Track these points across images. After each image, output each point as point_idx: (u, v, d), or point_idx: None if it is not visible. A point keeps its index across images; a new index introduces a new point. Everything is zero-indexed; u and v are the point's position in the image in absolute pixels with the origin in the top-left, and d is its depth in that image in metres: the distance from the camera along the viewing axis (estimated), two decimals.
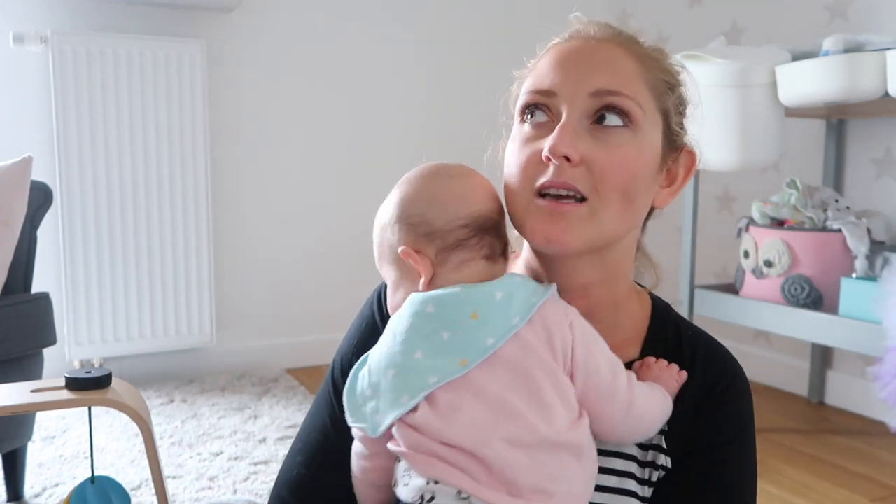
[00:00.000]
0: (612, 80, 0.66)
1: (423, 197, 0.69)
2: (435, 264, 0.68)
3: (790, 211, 1.99)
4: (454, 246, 0.68)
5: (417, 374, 0.63)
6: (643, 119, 0.67)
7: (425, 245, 0.68)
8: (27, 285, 1.62)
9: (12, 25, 2.24)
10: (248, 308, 2.66)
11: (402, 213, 0.69)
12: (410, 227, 0.69)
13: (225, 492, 1.68)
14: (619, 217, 0.67)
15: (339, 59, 2.73)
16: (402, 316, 0.66)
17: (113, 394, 0.70)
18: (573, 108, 0.66)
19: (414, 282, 0.69)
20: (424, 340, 0.64)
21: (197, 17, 2.50)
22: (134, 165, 2.33)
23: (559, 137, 0.65)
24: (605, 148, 0.66)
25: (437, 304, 0.65)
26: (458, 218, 0.68)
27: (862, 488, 1.76)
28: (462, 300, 0.65)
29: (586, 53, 0.69)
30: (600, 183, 0.65)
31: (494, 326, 0.63)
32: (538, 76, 0.70)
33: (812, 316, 1.85)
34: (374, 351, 0.68)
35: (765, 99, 1.85)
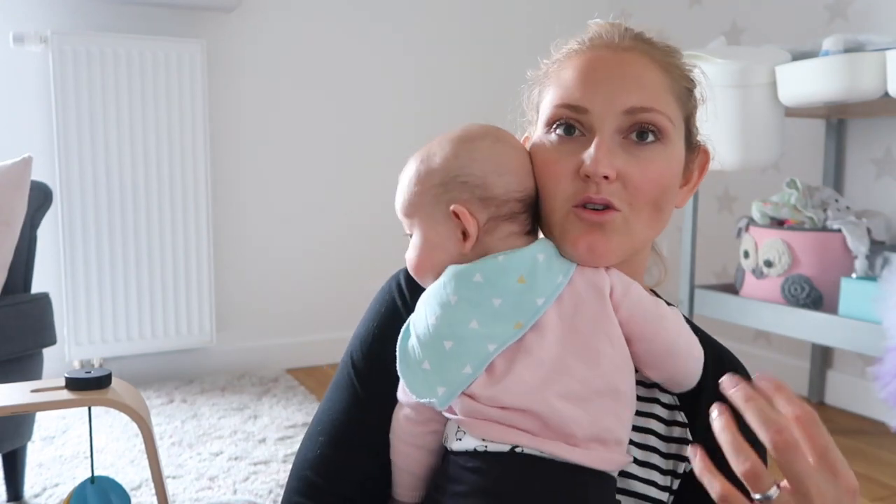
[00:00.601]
0: (643, 96, 0.68)
1: (486, 161, 0.69)
2: (481, 228, 0.69)
3: (790, 211, 1.99)
4: (506, 217, 0.69)
5: (476, 343, 0.64)
6: (673, 132, 0.70)
7: (478, 209, 0.69)
8: (27, 285, 1.62)
9: (12, 25, 2.24)
10: (248, 308, 2.66)
11: (459, 171, 0.69)
12: (465, 186, 0.69)
13: (225, 492, 1.68)
14: (648, 226, 0.70)
15: (339, 59, 2.73)
16: (447, 286, 0.67)
17: (113, 394, 0.70)
18: (606, 125, 0.68)
19: (454, 243, 0.69)
20: (477, 309, 0.65)
21: (197, 17, 2.50)
22: (134, 165, 2.33)
23: (598, 159, 0.66)
24: (639, 163, 0.68)
25: (484, 272, 0.66)
26: (517, 190, 0.70)
27: (862, 488, 1.76)
28: (508, 266, 0.66)
29: (614, 66, 0.69)
30: (634, 197, 0.68)
31: (542, 287, 0.65)
32: (566, 89, 0.70)
33: (812, 316, 1.85)
34: (418, 321, 0.67)
35: (765, 99, 1.85)
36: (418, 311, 0.69)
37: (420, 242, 0.71)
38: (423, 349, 0.66)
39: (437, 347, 0.65)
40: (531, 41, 0.74)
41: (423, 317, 0.67)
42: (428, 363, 0.65)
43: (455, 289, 0.66)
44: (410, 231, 0.73)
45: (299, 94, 2.67)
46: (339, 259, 2.75)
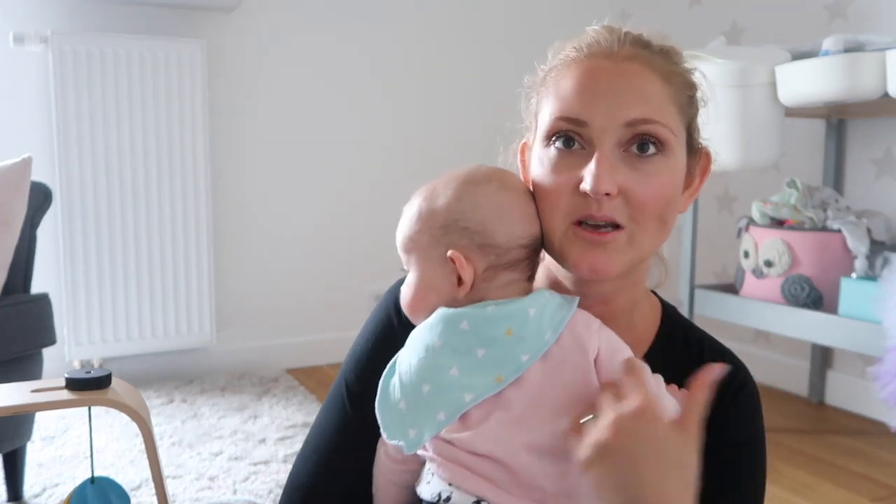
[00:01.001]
0: (645, 108, 0.66)
1: (489, 207, 0.68)
2: (478, 276, 0.67)
3: (790, 211, 1.99)
4: (507, 265, 0.68)
5: (453, 391, 0.63)
6: (675, 142, 0.69)
7: (477, 256, 0.67)
8: (27, 285, 1.62)
9: (12, 25, 2.24)
10: (248, 308, 2.66)
11: (461, 216, 0.68)
12: (465, 232, 0.67)
13: (225, 492, 1.68)
14: (654, 239, 0.69)
15: (339, 58, 2.73)
16: (434, 329, 0.66)
17: (113, 394, 0.70)
18: (607, 139, 0.66)
19: (448, 287, 0.68)
20: (459, 357, 0.64)
21: (197, 17, 2.50)
22: (134, 165, 2.33)
23: (599, 176, 0.65)
24: (641, 177, 0.66)
25: (471, 321, 0.65)
26: (521, 237, 0.68)
27: (862, 488, 1.76)
28: (497, 317, 0.65)
29: (614, 78, 0.68)
30: (638, 212, 0.67)
31: (529, 343, 0.63)
32: (565, 101, 0.69)
33: (812, 316, 1.85)
34: (402, 360, 0.67)
35: (765, 99, 1.85)
36: (406, 348, 0.68)
37: (415, 281, 0.70)
38: (402, 390, 0.65)
39: (416, 390, 0.64)
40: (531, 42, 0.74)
41: (408, 356, 0.66)
42: (404, 404, 0.65)
43: (441, 333, 0.65)
44: (408, 267, 0.72)
45: (299, 94, 2.67)
46: (340, 259, 2.75)
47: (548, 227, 0.70)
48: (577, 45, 0.72)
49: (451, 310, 0.66)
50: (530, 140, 0.77)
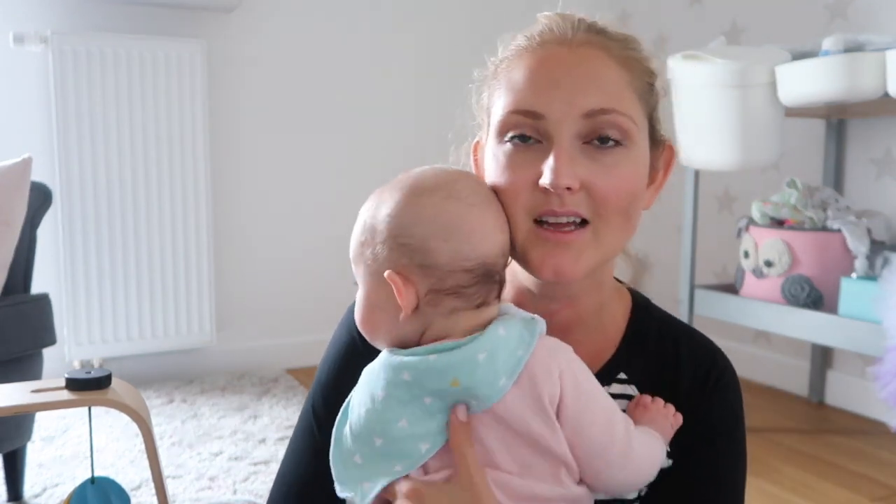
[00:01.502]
0: (603, 97, 0.63)
1: (430, 221, 0.60)
2: (421, 300, 0.60)
3: (790, 211, 1.99)
4: (450, 291, 0.60)
5: (407, 443, 0.59)
6: (636, 133, 0.65)
7: (418, 276, 0.60)
8: (27, 285, 1.62)
9: (12, 25, 2.24)
10: (248, 308, 2.66)
11: (400, 230, 0.60)
12: (405, 249, 0.60)
13: (225, 492, 1.68)
14: (619, 235, 0.66)
15: (339, 58, 2.73)
16: (378, 378, 0.61)
17: (113, 394, 0.70)
18: (565, 132, 0.63)
19: (393, 308, 0.61)
20: (405, 408, 0.59)
21: (197, 17, 2.50)
22: (134, 165, 2.33)
23: (559, 168, 0.61)
24: (603, 170, 0.63)
25: (412, 372, 0.59)
26: (465, 259, 0.60)
27: (862, 488, 1.76)
28: (439, 368, 0.58)
29: (570, 66, 0.64)
30: (601, 206, 0.63)
31: (477, 391, 0.57)
32: (518, 93, 0.65)
33: (812, 316, 1.85)
34: (353, 406, 0.63)
35: (765, 99, 1.85)
36: (357, 390, 0.63)
37: (363, 299, 0.64)
38: (355, 442, 0.61)
39: (368, 443, 0.60)
40: None
41: (358, 404, 0.62)
42: (359, 457, 0.61)
43: (384, 385, 0.60)
44: (356, 282, 0.66)
45: (299, 94, 2.67)
46: (340, 259, 2.73)
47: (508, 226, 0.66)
48: (529, 34, 0.68)
49: (392, 357, 0.61)
50: (483, 138, 0.74)
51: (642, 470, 0.63)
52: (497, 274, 0.62)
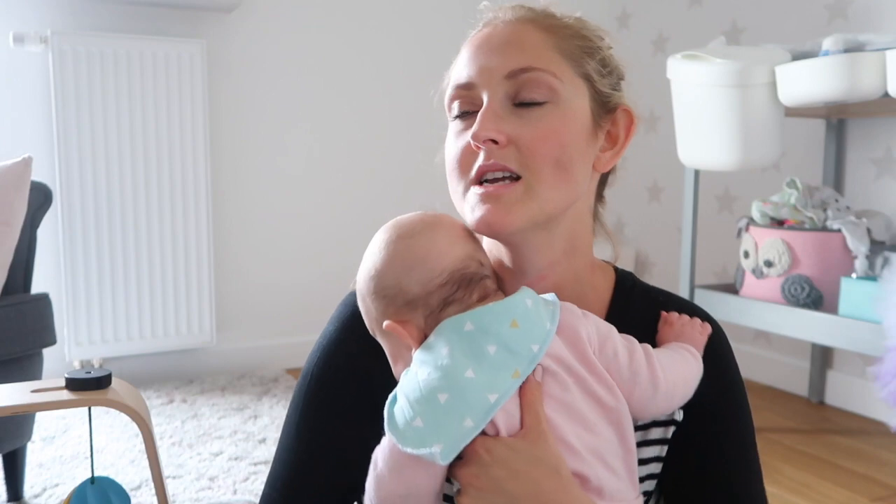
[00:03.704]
0: (521, 57, 0.67)
1: (391, 265, 0.65)
2: (425, 330, 0.65)
3: (790, 211, 1.99)
4: (441, 306, 0.64)
5: (474, 393, 0.60)
6: (562, 87, 0.67)
7: (409, 314, 0.65)
8: (27, 285, 1.62)
9: (12, 25, 2.24)
10: (248, 308, 2.66)
11: (376, 285, 0.66)
12: (387, 299, 0.65)
13: (225, 492, 1.68)
14: (555, 188, 0.67)
15: (339, 58, 2.73)
16: (436, 343, 0.63)
17: (113, 394, 0.70)
18: (492, 94, 0.67)
19: (408, 352, 0.65)
20: (471, 358, 0.61)
21: (197, 17, 2.50)
22: (134, 165, 2.33)
23: (481, 123, 0.65)
24: (529, 124, 0.66)
25: (474, 320, 0.63)
26: (432, 279, 0.64)
27: (862, 488, 1.76)
28: (499, 311, 0.63)
29: (495, 38, 0.69)
30: (530, 158, 0.66)
31: (534, 332, 0.62)
32: (457, 71, 0.71)
33: (812, 316, 1.85)
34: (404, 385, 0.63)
35: (765, 99, 1.85)
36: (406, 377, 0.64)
37: (388, 356, 0.69)
38: (415, 406, 0.60)
39: (431, 402, 0.60)
40: None
41: (412, 378, 0.62)
42: (420, 420, 0.60)
43: (446, 341, 0.62)
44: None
45: (299, 94, 2.67)
46: (340, 259, 2.75)
47: (454, 194, 0.70)
48: (476, 26, 0.74)
49: (451, 317, 0.64)
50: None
51: (677, 389, 0.67)
52: (475, 273, 0.66)
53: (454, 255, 0.66)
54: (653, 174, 2.99)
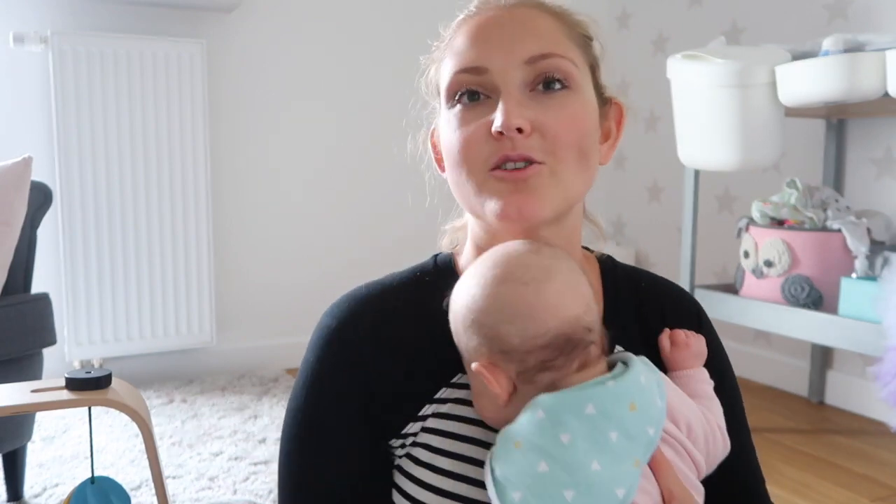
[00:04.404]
0: (541, 43, 0.65)
1: (493, 307, 0.60)
2: (517, 382, 0.60)
3: (790, 211, 1.99)
4: (538, 369, 0.59)
5: (602, 488, 0.54)
6: (579, 75, 0.67)
7: (504, 362, 0.59)
8: (27, 285, 1.62)
9: (12, 25, 2.24)
10: (248, 308, 2.66)
11: (474, 320, 0.60)
12: (483, 337, 0.60)
13: (225, 492, 1.68)
14: (578, 176, 0.66)
15: (339, 58, 2.73)
16: (550, 424, 0.56)
17: (113, 394, 0.70)
18: (510, 80, 0.64)
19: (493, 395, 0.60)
20: (595, 447, 0.55)
21: (197, 17, 2.50)
22: (134, 165, 2.33)
23: (507, 111, 0.62)
24: (553, 111, 0.64)
25: (596, 402, 0.56)
26: (534, 337, 0.58)
27: (862, 488, 1.76)
28: (620, 393, 0.57)
29: (505, 21, 0.66)
30: (555, 145, 0.64)
31: (650, 413, 0.58)
32: (461, 55, 0.67)
33: (812, 316, 1.85)
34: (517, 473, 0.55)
35: (765, 99, 1.85)
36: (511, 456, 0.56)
37: (472, 385, 0.64)
38: (533, 499, 0.54)
39: (557, 499, 0.54)
40: None
41: (528, 467, 0.55)
42: None
43: (565, 425, 0.55)
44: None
45: (299, 95, 2.67)
46: (340, 259, 2.75)
47: (465, 182, 0.66)
48: (468, 9, 0.71)
49: (561, 395, 0.57)
50: (438, 121, 0.74)
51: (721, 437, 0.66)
52: (581, 339, 0.60)
53: (563, 316, 0.59)
54: (653, 174, 2.99)
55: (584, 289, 0.62)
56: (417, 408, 0.68)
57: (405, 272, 0.76)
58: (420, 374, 0.68)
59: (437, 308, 0.69)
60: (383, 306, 0.72)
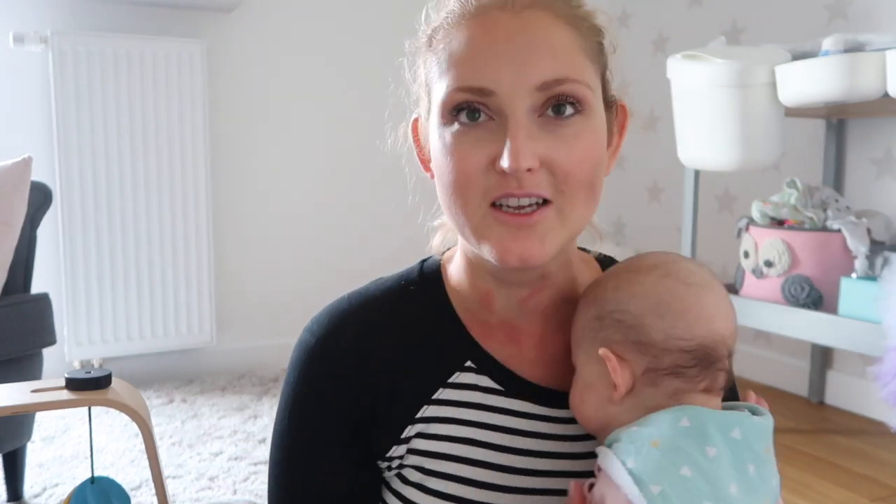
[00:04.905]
0: (556, 65, 0.58)
1: (644, 297, 0.59)
2: (637, 380, 0.58)
3: (790, 211, 1.99)
4: (668, 371, 0.57)
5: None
6: (593, 99, 0.60)
7: (633, 354, 0.58)
8: (27, 285, 1.62)
9: (12, 25, 2.24)
10: (248, 308, 2.66)
11: (615, 306, 0.59)
12: (620, 325, 0.59)
13: (225, 492, 1.68)
14: (585, 209, 0.61)
15: (340, 58, 2.73)
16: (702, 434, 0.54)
17: (113, 394, 0.70)
18: (519, 106, 0.57)
19: (605, 387, 0.59)
20: (735, 472, 0.54)
21: (197, 17, 2.50)
22: (134, 165, 2.33)
23: (519, 149, 0.56)
24: (564, 143, 0.58)
25: (743, 429, 0.55)
26: (680, 338, 0.57)
27: (862, 488, 1.76)
28: (761, 432, 0.57)
29: (516, 32, 0.58)
30: (565, 184, 0.58)
31: (774, 467, 0.57)
32: (463, 68, 0.59)
33: (812, 316, 1.85)
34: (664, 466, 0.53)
35: (765, 99, 1.85)
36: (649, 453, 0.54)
37: (576, 378, 0.62)
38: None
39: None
40: None
41: (668, 465, 0.53)
42: None
43: (712, 439, 0.54)
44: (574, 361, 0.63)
45: (299, 95, 2.67)
46: (340, 259, 2.75)
47: (460, 212, 0.60)
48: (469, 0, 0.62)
49: (705, 410, 0.56)
50: (423, 115, 0.69)
51: None
52: (719, 362, 0.58)
53: (713, 328, 0.58)
54: (653, 174, 2.99)
55: (734, 317, 0.61)
56: (400, 429, 0.66)
57: (391, 280, 0.72)
58: (402, 393, 0.66)
59: (420, 321, 0.67)
60: (367, 317, 0.69)
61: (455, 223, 0.63)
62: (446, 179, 0.60)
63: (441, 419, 0.65)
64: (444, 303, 0.69)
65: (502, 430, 0.66)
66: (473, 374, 0.67)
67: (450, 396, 0.66)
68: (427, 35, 0.66)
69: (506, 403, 0.66)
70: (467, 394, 0.66)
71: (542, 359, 0.68)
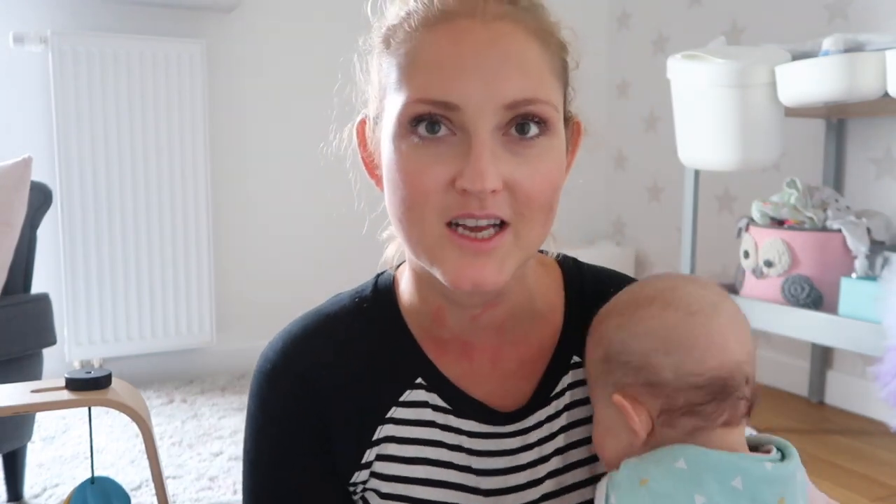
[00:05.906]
0: (526, 84, 0.55)
1: (649, 334, 0.56)
2: (655, 421, 0.55)
3: (790, 211, 1.99)
4: (683, 410, 0.54)
5: None
6: (557, 119, 0.59)
7: (647, 397, 0.55)
8: (27, 285, 1.62)
9: (12, 25, 2.24)
10: (248, 308, 2.66)
11: (622, 346, 0.56)
12: (628, 367, 0.56)
13: (225, 492, 1.68)
14: (541, 232, 0.59)
15: (340, 58, 2.72)
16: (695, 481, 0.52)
17: (113, 394, 0.70)
18: (483, 124, 0.55)
19: (625, 431, 0.56)
20: None
21: (197, 17, 2.50)
22: (134, 165, 2.33)
23: (483, 170, 0.54)
24: (526, 165, 0.56)
25: (745, 479, 0.52)
26: (691, 374, 0.54)
27: (862, 488, 1.76)
28: (771, 480, 0.53)
29: (485, 45, 0.55)
30: (526, 206, 0.56)
31: None
32: (426, 79, 0.56)
33: (812, 316, 1.85)
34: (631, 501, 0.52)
35: (765, 99, 1.85)
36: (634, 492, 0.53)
37: (596, 420, 0.60)
38: None
39: None
40: None
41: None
42: None
43: (704, 487, 0.51)
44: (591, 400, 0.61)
45: (299, 95, 2.67)
46: (340, 259, 2.75)
47: (414, 229, 0.58)
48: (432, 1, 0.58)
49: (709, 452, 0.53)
50: (370, 116, 0.67)
51: None
52: (737, 391, 0.55)
53: (725, 358, 0.55)
54: (653, 174, 2.99)
55: (749, 335, 0.58)
56: (360, 453, 0.65)
57: (346, 297, 0.72)
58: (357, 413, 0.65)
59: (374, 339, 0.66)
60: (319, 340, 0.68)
61: (406, 239, 0.60)
62: (400, 194, 0.57)
63: (396, 439, 0.65)
64: (398, 319, 0.68)
65: (455, 449, 0.65)
66: (424, 392, 0.66)
67: (403, 415, 0.65)
68: (383, 34, 0.63)
69: (454, 422, 0.65)
70: (419, 412, 0.65)
71: (495, 374, 0.66)
